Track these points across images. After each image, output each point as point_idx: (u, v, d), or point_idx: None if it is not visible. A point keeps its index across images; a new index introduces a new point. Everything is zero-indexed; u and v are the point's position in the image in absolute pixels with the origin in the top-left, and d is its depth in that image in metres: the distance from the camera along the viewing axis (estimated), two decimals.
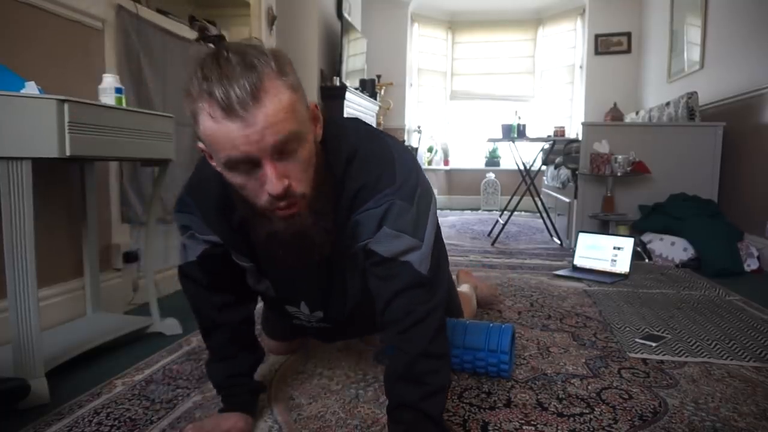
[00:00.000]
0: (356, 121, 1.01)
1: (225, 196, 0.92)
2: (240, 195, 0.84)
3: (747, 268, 2.72)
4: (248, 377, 1.14)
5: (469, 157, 6.75)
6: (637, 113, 4.57)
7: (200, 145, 0.83)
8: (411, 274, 0.91)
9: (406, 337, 0.91)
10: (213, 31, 0.79)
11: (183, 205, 1.01)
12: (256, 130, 0.73)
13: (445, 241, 1.75)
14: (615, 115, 4.68)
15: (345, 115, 4.31)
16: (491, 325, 1.37)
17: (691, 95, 3.37)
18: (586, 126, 3.44)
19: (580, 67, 6.09)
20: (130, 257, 2.00)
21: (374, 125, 5.39)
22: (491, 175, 6.47)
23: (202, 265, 1.04)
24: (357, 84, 4.96)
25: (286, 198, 0.79)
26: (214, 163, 0.83)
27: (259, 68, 0.74)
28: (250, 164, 0.77)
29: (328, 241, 0.89)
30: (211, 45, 0.78)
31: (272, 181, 0.77)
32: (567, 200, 3.70)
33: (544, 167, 4.69)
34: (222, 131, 0.74)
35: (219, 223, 0.97)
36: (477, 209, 6.33)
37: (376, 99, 5.35)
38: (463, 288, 1.85)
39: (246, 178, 0.79)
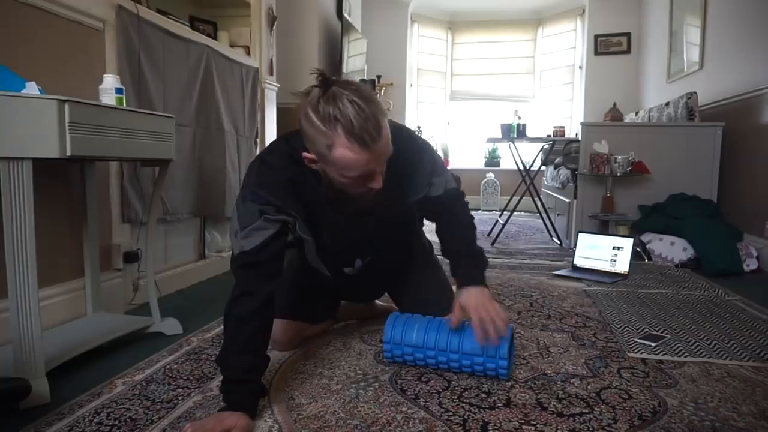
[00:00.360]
0: (401, 128, 1.36)
1: (295, 182, 1.22)
2: (332, 184, 1.16)
3: (746, 268, 2.73)
4: (259, 377, 1.17)
5: (468, 157, 6.75)
6: (636, 113, 4.57)
7: (307, 155, 1.11)
8: (453, 192, 1.42)
9: (457, 207, 1.43)
10: (328, 75, 1.06)
11: (256, 196, 1.20)
12: (377, 155, 1.06)
13: None
14: (614, 115, 4.68)
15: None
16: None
17: (691, 95, 3.38)
18: (586, 126, 3.44)
19: (580, 67, 6.09)
20: (131, 257, 2.00)
21: None
22: (491, 175, 6.47)
23: (267, 249, 1.18)
24: None
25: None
26: (314, 165, 1.13)
27: (379, 117, 1.04)
28: (364, 173, 1.08)
29: (375, 199, 1.20)
30: (328, 87, 1.04)
31: (378, 182, 1.12)
32: (567, 200, 3.70)
33: (543, 167, 4.69)
34: (358, 160, 1.04)
35: (294, 202, 1.23)
36: (477, 209, 6.33)
37: None
38: None
39: (355, 182, 1.10)
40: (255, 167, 1.25)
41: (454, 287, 1.86)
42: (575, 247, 2.76)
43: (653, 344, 1.57)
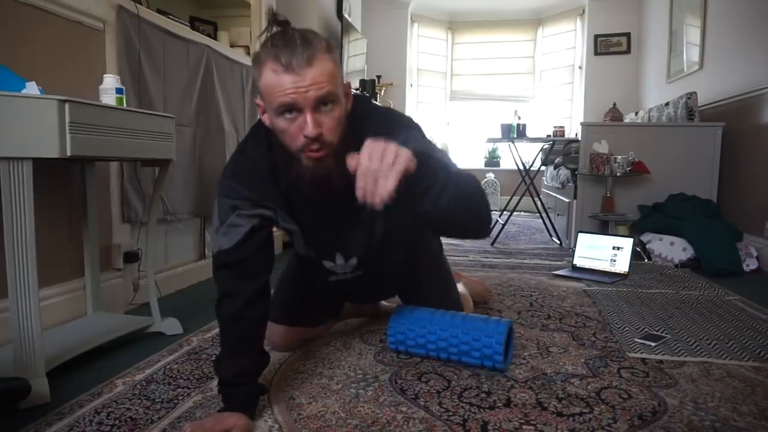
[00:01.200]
0: (367, 98, 1.25)
1: (272, 170, 1.14)
2: (279, 140, 1.06)
3: (746, 268, 2.73)
4: (254, 378, 1.16)
5: (468, 157, 6.75)
6: (636, 113, 4.57)
7: (258, 100, 1.07)
8: (446, 159, 1.18)
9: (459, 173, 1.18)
10: (281, 17, 1.05)
11: (228, 190, 1.16)
12: (306, 84, 0.97)
13: (445, 241, 1.76)
14: (614, 115, 4.68)
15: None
16: (489, 317, 1.42)
17: (691, 95, 3.38)
18: (586, 126, 3.44)
19: (580, 67, 6.10)
20: (131, 257, 2.00)
21: None
22: (491, 175, 6.47)
23: (244, 247, 1.14)
24: (357, 84, 4.96)
25: (316, 143, 1.01)
26: (266, 119, 1.06)
27: (314, 44, 0.98)
28: (294, 111, 0.99)
29: (345, 183, 1.01)
30: (279, 27, 1.02)
31: (309, 125, 0.99)
32: (566, 200, 3.70)
33: (543, 167, 4.69)
34: (280, 82, 0.97)
35: (271, 192, 1.16)
36: None
37: (376, 99, 5.35)
38: (459, 288, 1.86)
39: (289, 123, 1.01)
40: (233, 157, 1.22)
41: (460, 286, 1.88)
42: (575, 247, 2.76)
43: (653, 344, 1.57)
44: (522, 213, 5.12)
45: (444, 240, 1.76)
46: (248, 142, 1.21)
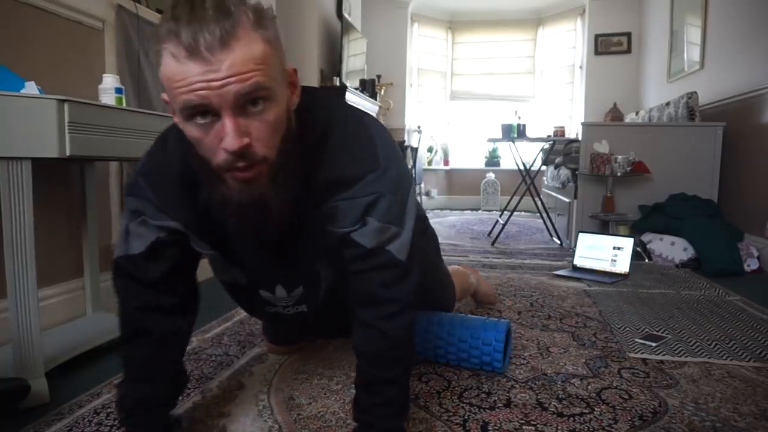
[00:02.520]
0: (331, 96, 0.97)
1: (189, 175, 0.86)
2: (196, 152, 0.78)
3: (747, 268, 2.72)
4: (162, 408, 0.98)
5: (469, 157, 6.75)
6: (637, 113, 4.57)
7: (164, 95, 0.77)
8: (390, 261, 0.90)
9: (384, 320, 0.91)
10: None
11: (136, 188, 0.92)
12: (220, 76, 0.68)
13: (446, 241, 1.76)
14: (615, 115, 4.69)
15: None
16: (488, 318, 1.41)
17: (691, 95, 3.37)
18: (586, 126, 3.44)
19: (580, 67, 6.09)
20: None
21: None
22: (491, 175, 6.47)
23: (149, 259, 0.93)
24: (357, 84, 4.96)
25: (243, 159, 0.74)
26: (177, 121, 0.77)
27: (235, 16, 0.70)
28: (209, 114, 0.72)
29: (286, 213, 0.83)
30: None
31: (230, 135, 0.71)
32: (567, 200, 3.70)
33: (544, 167, 4.69)
34: (182, 72, 0.69)
35: (181, 206, 0.89)
36: (477, 209, 6.33)
37: (376, 99, 5.35)
38: (460, 268, 1.84)
39: (203, 131, 0.73)
40: (152, 147, 0.96)
41: (456, 267, 1.78)
42: (575, 247, 2.75)
43: (654, 344, 1.57)
44: (522, 213, 5.12)
45: (443, 240, 1.73)
46: (172, 130, 0.92)
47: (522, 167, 3.80)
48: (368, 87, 5.15)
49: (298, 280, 1.03)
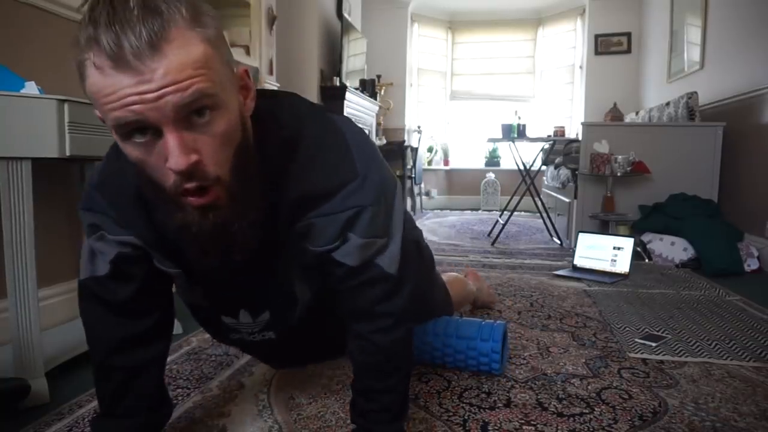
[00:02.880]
0: (294, 96, 0.86)
1: (140, 197, 0.79)
2: (144, 174, 0.67)
3: (747, 268, 2.72)
4: None
5: (469, 157, 6.75)
6: (637, 113, 4.57)
7: (96, 112, 0.66)
8: (380, 275, 0.84)
9: (378, 333, 0.87)
10: None
11: (90, 201, 0.84)
12: (154, 87, 0.59)
13: (446, 241, 1.75)
14: (615, 115, 4.68)
15: (345, 115, 4.31)
16: (483, 322, 1.39)
17: (691, 95, 3.37)
18: (586, 126, 3.44)
19: (580, 67, 6.09)
20: None
21: (374, 125, 5.40)
22: (491, 175, 6.47)
23: (115, 279, 0.86)
24: (357, 84, 4.96)
25: (194, 179, 0.65)
26: (114, 136, 0.67)
27: (165, 14, 0.59)
28: (148, 132, 0.62)
29: (252, 239, 0.75)
30: None
31: (174, 153, 0.61)
32: (567, 200, 3.70)
33: (544, 167, 4.69)
34: (109, 85, 0.59)
35: (138, 219, 0.80)
36: (477, 209, 6.33)
37: (376, 99, 5.35)
38: (459, 276, 1.83)
39: (144, 151, 0.64)
40: (106, 155, 0.85)
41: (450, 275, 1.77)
42: (575, 247, 2.76)
43: (654, 344, 1.57)
44: (522, 213, 5.12)
45: (443, 240, 1.72)
46: (119, 155, 0.78)
47: (522, 167, 3.80)
48: (368, 87, 5.15)
49: (265, 304, 0.93)
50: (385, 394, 0.89)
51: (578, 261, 2.68)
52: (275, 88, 3.14)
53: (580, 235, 2.76)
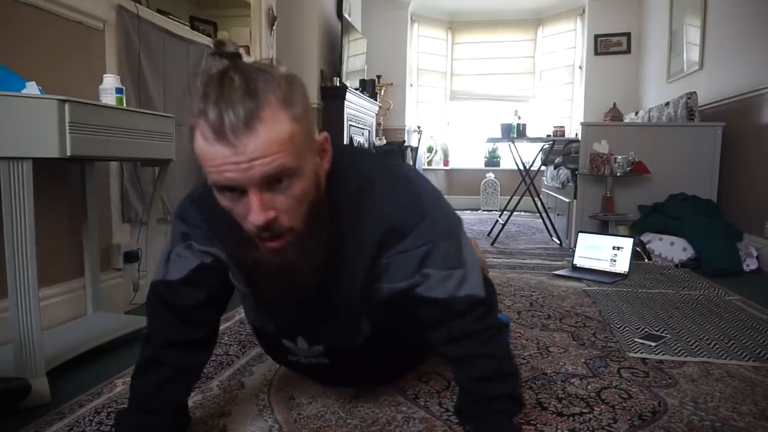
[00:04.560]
0: (369, 152, 1.01)
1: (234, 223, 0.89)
2: (230, 215, 0.81)
3: (746, 268, 2.73)
4: None
5: (468, 157, 6.75)
6: (636, 113, 4.57)
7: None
8: (475, 301, 0.93)
9: (486, 345, 0.94)
10: (230, 47, 0.76)
11: (186, 213, 0.97)
12: (245, 159, 0.71)
13: None
14: (614, 115, 4.69)
15: (345, 117, 4.31)
16: None
17: (691, 95, 3.38)
18: (586, 126, 3.44)
19: (580, 67, 6.09)
20: (131, 257, 2.00)
21: (374, 125, 5.40)
22: (491, 175, 6.47)
23: (187, 284, 0.95)
24: (357, 84, 4.96)
25: (270, 230, 0.77)
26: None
27: (261, 95, 0.71)
28: (236, 190, 0.75)
29: (315, 276, 0.85)
30: (225, 60, 0.75)
31: (255, 211, 0.74)
32: (567, 200, 3.70)
33: (543, 167, 4.69)
34: (211, 153, 0.72)
35: (226, 236, 0.90)
36: (477, 209, 6.33)
37: (376, 99, 5.35)
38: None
39: (232, 202, 0.77)
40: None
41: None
42: (575, 247, 2.76)
43: (653, 344, 1.57)
44: (522, 213, 5.12)
45: None
46: None
47: (522, 167, 3.80)
48: (368, 87, 5.15)
49: (323, 335, 1.02)
50: (505, 398, 0.95)
51: (578, 261, 2.68)
52: (348, 143, 3.14)
53: (580, 235, 2.76)
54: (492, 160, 6.66)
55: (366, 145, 4.91)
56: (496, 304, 1.01)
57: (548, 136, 4.42)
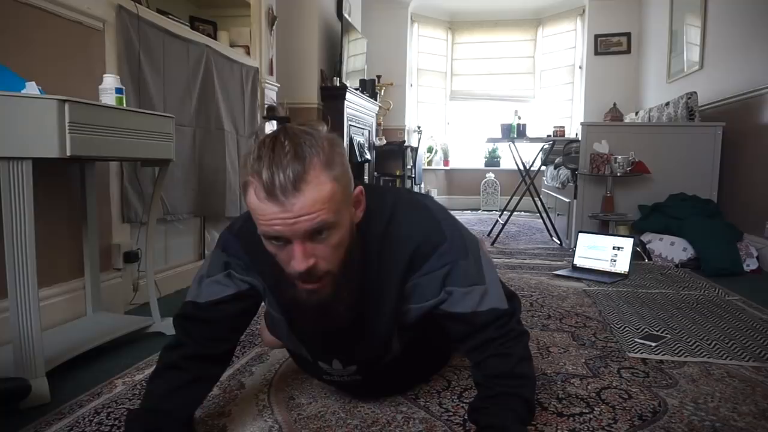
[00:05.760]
0: (388, 188, 1.08)
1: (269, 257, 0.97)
2: (273, 257, 0.90)
3: (746, 268, 2.72)
4: None
5: (468, 157, 6.75)
6: (636, 113, 4.57)
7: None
8: (500, 313, 0.99)
9: (503, 347, 0.99)
10: (280, 112, 0.82)
11: (227, 244, 1.04)
12: (292, 216, 0.80)
13: None
14: (614, 115, 4.69)
15: (345, 117, 4.31)
16: None
17: (691, 95, 3.38)
18: (586, 126, 3.44)
19: (580, 67, 6.09)
20: (131, 257, 2.00)
21: (374, 125, 5.40)
22: (491, 175, 6.48)
23: (219, 308, 1.03)
24: (357, 84, 4.96)
25: (310, 275, 0.86)
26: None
27: (307, 159, 0.80)
28: (282, 240, 0.84)
29: (347, 312, 0.94)
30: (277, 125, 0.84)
31: (298, 259, 0.83)
32: (567, 200, 3.70)
33: (543, 167, 4.69)
34: (262, 209, 0.81)
35: (267, 268, 0.97)
36: (477, 209, 6.34)
37: (376, 99, 5.35)
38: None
39: (277, 249, 0.86)
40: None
41: None
42: (575, 247, 2.76)
43: (653, 344, 1.57)
44: (522, 213, 5.12)
45: None
46: None
47: (522, 167, 3.80)
48: (368, 87, 5.15)
49: (355, 357, 1.08)
50: (516, 397, 0.97)
51: (578, 261, 2.68)
52: (377, 184, 3.14)
53: (580, 235, 2.76)
54: (492, 160, 6.66)
55: (366, 145, 4.91)
56: (519, 314, 1.08)
57: (548, 136, 4.42)
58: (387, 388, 1.23)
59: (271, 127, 0.68)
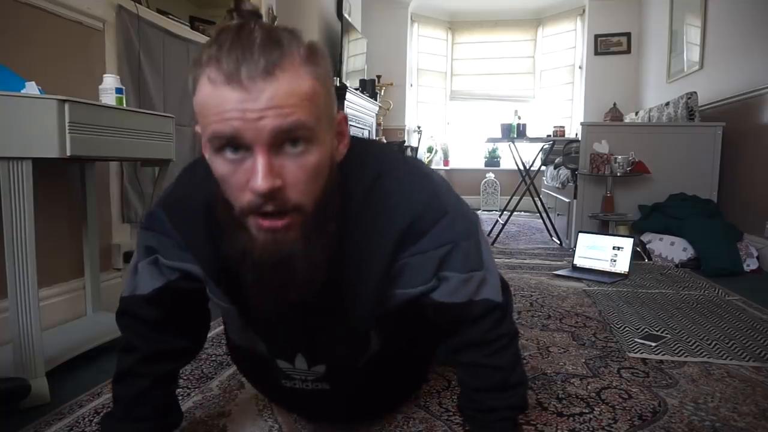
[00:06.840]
0: (382, 144, 0.90)
1: (208, 218, 0.77)
2: (221, 193, 0.69)
3: (746, 268, 2.72)
4: None
5: (468, 157, 6.75)
6: (636, 113, 4.57)
7: (196, 126, 0.68)
8: (492, 306, 0.86)
9: (497, 355, 0.88)
10: (247, 5, 0.65)
11: (152, 221, 0.84)
12: (257, 106, 0.60)
13: None
14: (614, 115, 4.69)
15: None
16: None
17: (691, 95, 3.38)
18: (586, 126, 3.44)
19: (580, 67, 6.09)
20: (131, 257, 1.99)
21: (374, 125, 5.40)
22: (491, 175, 6.47)
23: (154, 302, 0.86)
24: (357, 84, 4.96)
25: (273, 203, 0.64)
26: (205, 151, 0.68)
27: (285, 47, 0.62)
28: (241, 149, 0.63)
29: (316, 278, 0.71)
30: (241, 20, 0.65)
31: (260, 173, 0.61)
32: (567, 200, 3.70)
33: (543, 167, 4.69)
34: (217, 98, 0.61)
35: (203, 247, 0.79)
36: (477, 209, 6.33)
37: (376, 99, 5.35)
38: None
39: (231, 167, 0.64)
40: (178, 176, 0.87)
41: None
42: (575, 247, 2.76)
43: (653, 344, 1.57)
44: (522, 213, 5.12)
45: None
46: (202, 162, 0.77)
47: (522, 167, 3.80)
48: (368, 87, 5.15)
49: (326, 352, 0.88)
50: (507, 409, 0.89)
51: (578, 261, 2.68)
52: (361, 136, 3.12)
53: (580, 235, 2.76)
54: (492, 160, 6.66)
55: None
56: (512, 309, 0.93)
57: (548, 136, 4.41)
58: (356, 404, 1.00)
59: None
